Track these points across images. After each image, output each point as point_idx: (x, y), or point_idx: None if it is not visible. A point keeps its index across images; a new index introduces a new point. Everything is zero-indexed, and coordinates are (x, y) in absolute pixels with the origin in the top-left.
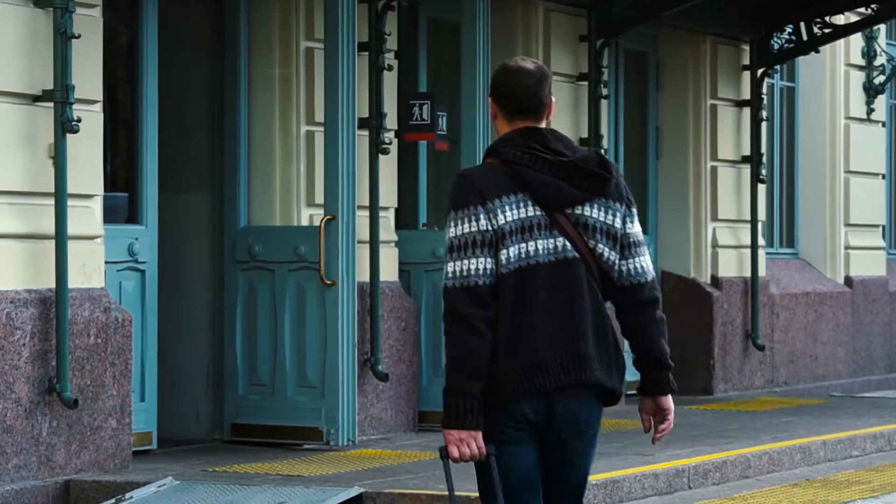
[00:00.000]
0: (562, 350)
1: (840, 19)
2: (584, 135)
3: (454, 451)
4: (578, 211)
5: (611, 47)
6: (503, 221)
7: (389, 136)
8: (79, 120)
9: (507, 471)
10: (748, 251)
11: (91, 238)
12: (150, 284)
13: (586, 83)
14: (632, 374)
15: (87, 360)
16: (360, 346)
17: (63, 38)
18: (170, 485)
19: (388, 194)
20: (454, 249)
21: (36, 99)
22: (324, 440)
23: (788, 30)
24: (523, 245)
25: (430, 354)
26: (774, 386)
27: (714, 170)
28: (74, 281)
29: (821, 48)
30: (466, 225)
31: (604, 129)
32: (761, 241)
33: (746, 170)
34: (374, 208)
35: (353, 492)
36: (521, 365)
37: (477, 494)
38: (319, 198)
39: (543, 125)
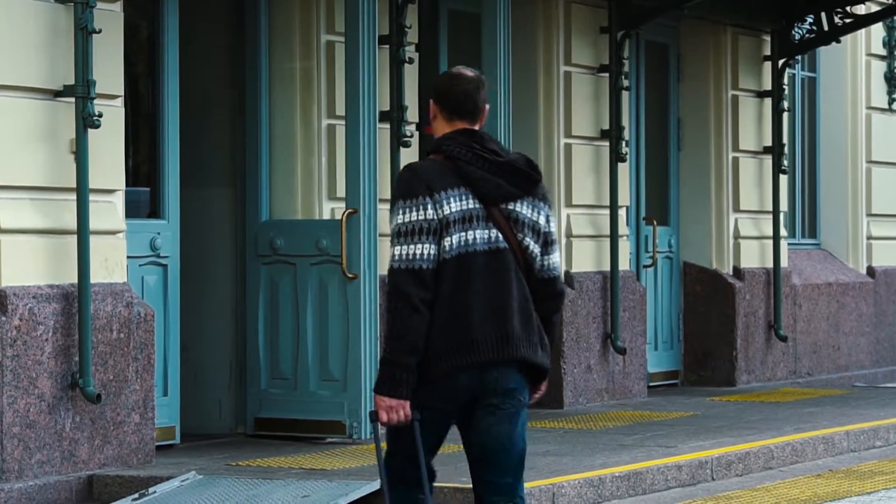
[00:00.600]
0: (492, 330)
1: (861, 9)
2: (606, 126)
3: (384, 417)
4: (511, 206)
5: (632, 39)
6: (448, 211)
7: (410, 128)
8: (100, 115)
9: (424, 435)
10: (770, 242)
11: (113, 233)
12: (172, 279)
13: (607, 75)
14: (655, 365)
15: (110, 355)
16: (383, 339)
17: (84, 34)
18: (193, 479)
19: None
20: (402, 235)
21: (57, 94)
22: (346, 434)
23: (809, 20)
24: (463, 234)
25: None
26: (797, 377)
27: (736, 161)
28: (97, 276)
29: (842, 38)
30: (414, 213)
31: (625, 121)
32: (783, 231)
33: (768, 160)
34: None
35: (376, 485)
36: (456, 342)
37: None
38: (341, 191)
39: (478, 128)
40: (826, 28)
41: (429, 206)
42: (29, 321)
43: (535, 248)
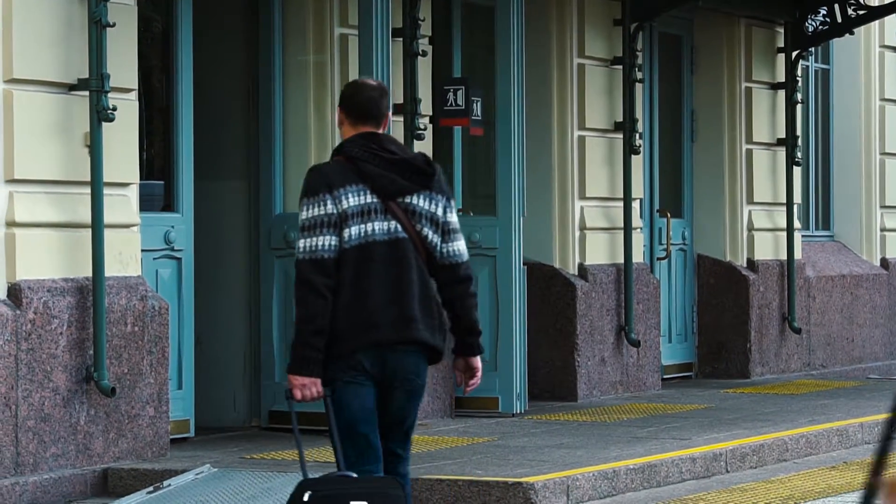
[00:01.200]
0: (392, 313)
1: (874, 0)
2: (619, 119)
3: (297, 394)
4: (408, 200)
5: (645, 31)
6: (346, 206)
7: (424, 121)
8: (114, 108)
9: (346, 408)
10: (784, 234)
11: (127, 226)
12: (186, 272)
13: (621, 67)
14: (669, 358)
15: (125, 349)
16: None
17: (98, 27)
18: (208, 472)
19: None
20: (306, 229)
21: (71, 88)
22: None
23: (823, 12)
24: (363, 226)
25: None
26: (811, 369)
27: (749, 153)
28: (111, 269)
29: (855, 30)
30: (316, 209)
31: (638, 113)
32: (797, 223)
33: (782, 152)
34: None
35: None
36: (359, 324)
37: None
38: None
39: (381, 131)
40: (839, 20)
41: (328, 202)
42: (44, 315)
43: (435, 238)
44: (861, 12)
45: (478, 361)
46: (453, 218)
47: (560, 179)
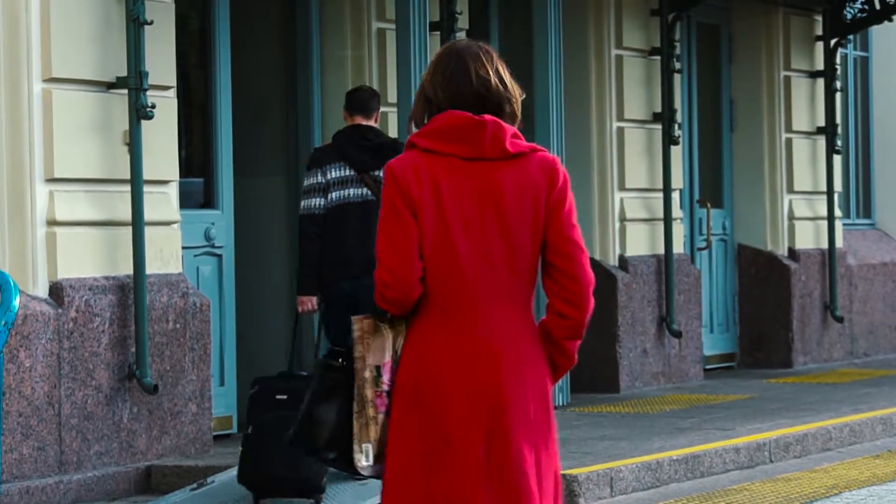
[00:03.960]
0: (363, 253)
1: None
2: (658, 109)
3: (299, 308)
4: (376, 173)
5: (682, 21)
6: (330, 177)
7: None
8: (153, 106)
9: (341, 318)
10: (825, 223)
11: (168, 224)
12: (227, 269)
13: (659, 57)
14: (711, 348)
15: (167, 346)
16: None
17: (136, 25)
18: None
19: None
20: (304, 193)
21: (110, 86)
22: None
23: None
24: (342, 191)
25: None
26: (854, 357)
27: (789, 142)
28: (152, 267)
29: (894, 17)
30: (311, 179)
31: (677, 103)
32: (838, 212)
33: (821, 141)
34: None
35: None
36: (338, 260)
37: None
38: None
39: (370, 123)
40: (878, 7)
41: (318, 174)
42: (85, 313)
43: None
44: None
45: None
46: None
47: (599, 171)
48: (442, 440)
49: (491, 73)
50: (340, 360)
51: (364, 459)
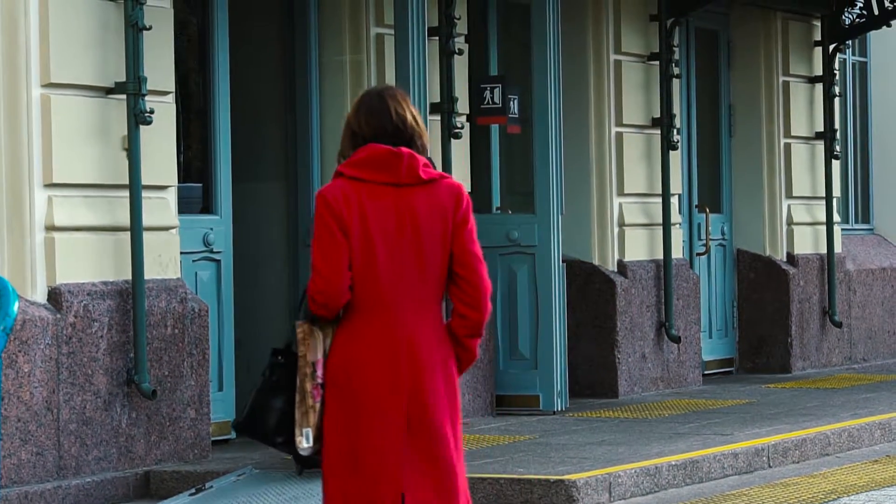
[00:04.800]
0: None
1: None
2: (657, 114)
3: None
4: None
5: (681, 26)
6: None
7: (461, 120)
8: (151, 111)
9: None
10: (823, 228)
11: (166, 229)
12: (225, 274)
13: (657, 63)
14: (709, 353)
15: (165, 351)
16: None
17: (134, 30)
18: (249, 474)
19: (461, 178)
20: None
21: (108, 91)
22: None
23: (859, 4)
24: None
25: (507, 338)
26: (853, 362)
27: (788, 147)
28: (150, 272)
29: (893, 22)
30: None
31: (676, 109)
32: (836, 217)
33: (820, 146)
34: None
35: None
36: None
37: None
38: None
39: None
40: (876, 12)
41: None
42: (84, 318)
43: None
44: None
45: None
46: None
47: (598, 176)
48: (370, 420)
49: (406, 111)
50: (281, 357)
51: (305, 442)
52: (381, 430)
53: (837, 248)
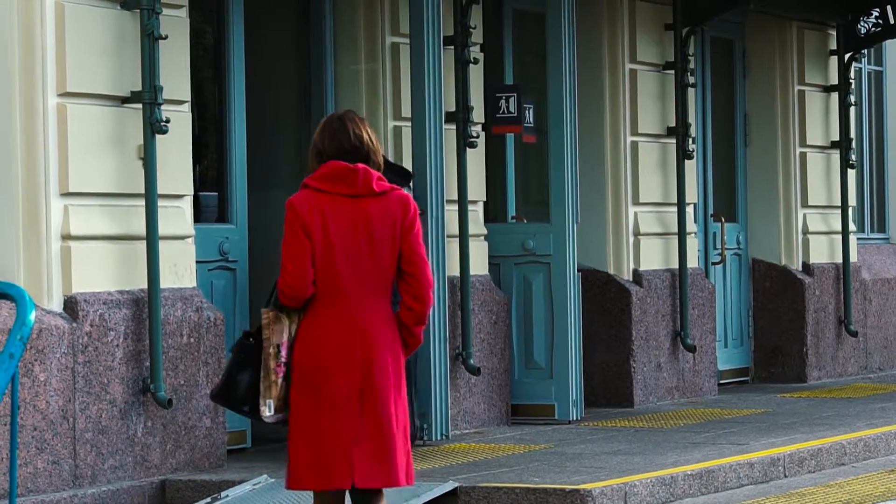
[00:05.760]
0: None
1: None
2: (672, 124)
3: None
4: None
5: (697, 35)
6: None
7: (477, 129)
8: (167, 120)
9: None
10: (839, 237)
11: (182, 238)
12: (240, 283)
13: (673, 72)
14: (725, 362)
15: (181, 360)
16: (452, 340)
17: (150, 40)
18: (265, 483)
19: (477, 188)
20: None
21: (124, 100)
22: (417, 435)
23: (875, 13)
24: None
25: (522, 347)
26: (868, 372)
27: (803, 156)
28: (166, 281)
29: None
30: None
31: (691, 118)
32: (852, 226)
33: (836, 155)
34: (462, 202)
35: (448, 486)
36: None
37: None
38: None
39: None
40: (892, 21)
41: None
42: (100, 327)
43: None
44: None
45: None
46: None
47: (613, 185)
48: (329, 389)
49: (363, 132)
50: (251, 339)
51: (267, 411)
52: (338, 397)
53: (853, 258)
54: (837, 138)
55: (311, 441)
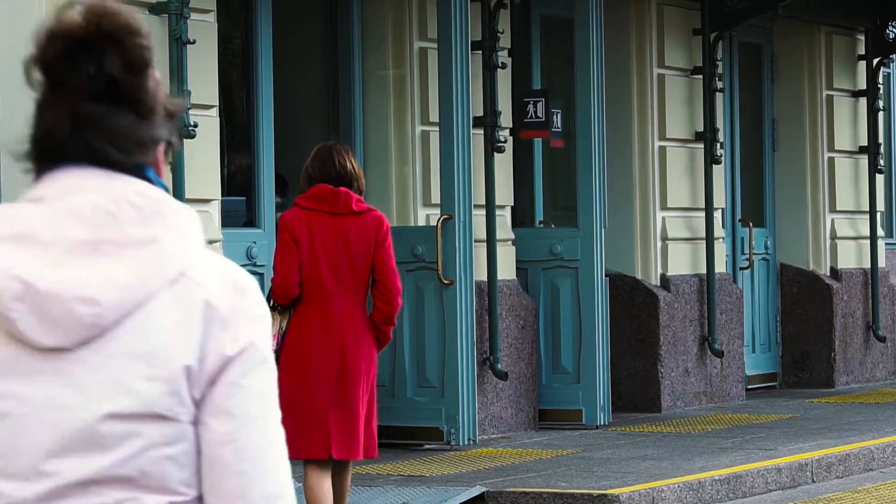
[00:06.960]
0: None
1: None
2: (700, 128)
3: None
4: None
5: (725, 40)
6: None
7: (504, 134)
8: (195, 125)
9: None
10: (867, 242)
11: (210, 243)
12: (268, 287)
13: (701, 77)
14: (753, 368)
15: None
16: (479, 345)
17: (178, 44)
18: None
19: (505, 192)
20: None
21: None
22: (444, 440)
23: None
24: None
25: (549, 352)
26: None
27: (831, 161)
28: None
29: None
30: None
31: (719, 123)
32: (880, 231)
33: (864, 160)
34: (490, 207)
35: (475, 491)
36: None
37: None
38: (436, 197)
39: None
40: None
41: None
42: None
43: None
44: None
45: None
46: None
47: (641, 190)
48: (310, 377)
49: (347, 161)
50: None
51: None
52: (319, 380)
53: (881, 263)
54: (865, 143)
55: (292, 415)
